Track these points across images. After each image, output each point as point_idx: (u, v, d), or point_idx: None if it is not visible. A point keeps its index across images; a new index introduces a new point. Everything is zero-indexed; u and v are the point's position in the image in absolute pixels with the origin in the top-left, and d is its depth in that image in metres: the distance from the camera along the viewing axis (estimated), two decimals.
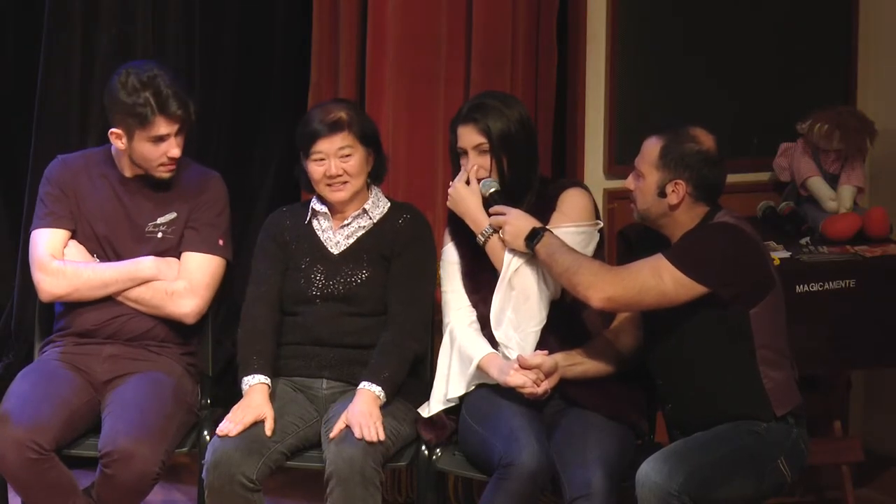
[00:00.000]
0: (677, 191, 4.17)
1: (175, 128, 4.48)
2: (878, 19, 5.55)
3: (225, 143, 5.54)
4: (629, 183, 4.28)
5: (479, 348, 4.36)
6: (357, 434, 4.19)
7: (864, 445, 5.19)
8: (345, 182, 4.47)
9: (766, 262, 4.18)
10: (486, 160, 4.41)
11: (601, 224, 4.44)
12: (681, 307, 4.10)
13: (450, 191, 4.47)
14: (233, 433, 4.23)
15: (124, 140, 4.49)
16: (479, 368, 4.34)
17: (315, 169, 4.49)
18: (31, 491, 4.29)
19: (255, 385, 4.38)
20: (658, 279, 4.08)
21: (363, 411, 4.26)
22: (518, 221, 4.32)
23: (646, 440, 4.37)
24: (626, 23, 5.34)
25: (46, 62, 5.27)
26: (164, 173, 4.53)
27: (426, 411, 4.43)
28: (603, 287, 4.12)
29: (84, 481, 4.36)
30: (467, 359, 4.37)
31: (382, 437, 4.22)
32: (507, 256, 4.36)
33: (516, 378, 4.23)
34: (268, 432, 4.26)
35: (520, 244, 4.30)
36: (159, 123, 4.45)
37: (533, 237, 4.28)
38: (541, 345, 4.35)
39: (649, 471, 4.02)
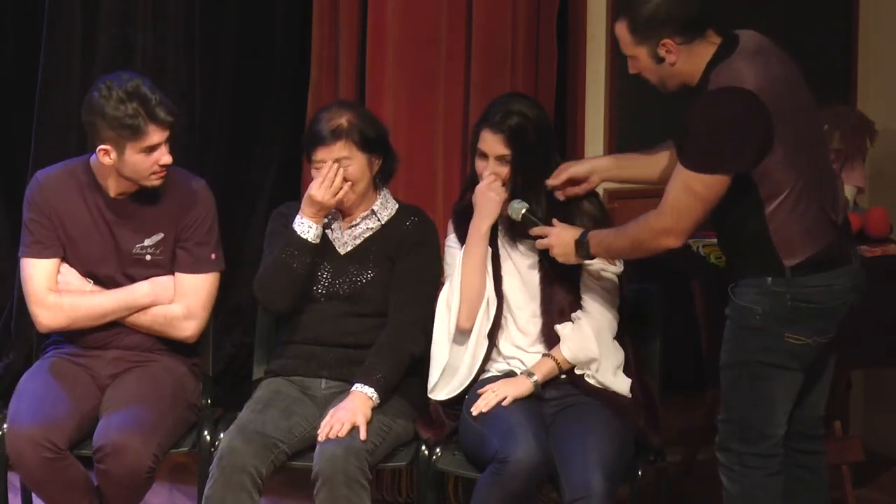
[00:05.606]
0: (669, 49, 4.03)
1: (166, 135, 4.37)
2: (878, 19, 5.55)
3: (225, 142, 5.54)
4: (632, 69, 4.13)
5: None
6: (326, 434, 4.20)
7: (864, 445, 5.19)
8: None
9: (763, 123, 3.94)
10: (505, 171, 4.35)
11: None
12: None
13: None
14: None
15: (113, 155, 4.35)
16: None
17: (316, 175, 4.47)
18: (47, 489, 4.29)
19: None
20: (691, 193, 3.97)
21: (347, 409, 4.27)
22: (562, 238, 4.26)
23: (653, 452, 4.35)
24: None
25: (46, 62, 5.27)
26: (155, 181, 4.42)
27: (440, 394, 4.43)
28: (664, 235, 4.02)
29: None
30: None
31: (363, 435, 4.20)
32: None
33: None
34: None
35: (574, 260, 4.26)
36: (152, 133, 4.32)
37: (581, 246, 4.22)
38: (545, 302, 4.36)
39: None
